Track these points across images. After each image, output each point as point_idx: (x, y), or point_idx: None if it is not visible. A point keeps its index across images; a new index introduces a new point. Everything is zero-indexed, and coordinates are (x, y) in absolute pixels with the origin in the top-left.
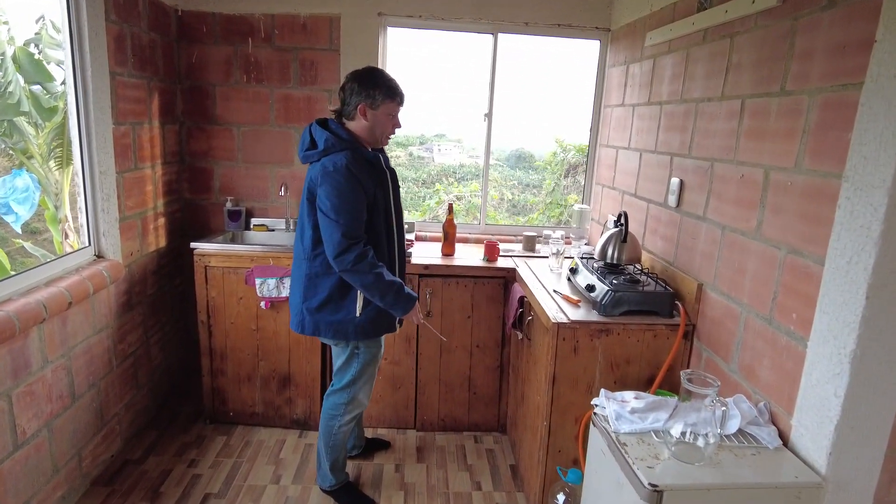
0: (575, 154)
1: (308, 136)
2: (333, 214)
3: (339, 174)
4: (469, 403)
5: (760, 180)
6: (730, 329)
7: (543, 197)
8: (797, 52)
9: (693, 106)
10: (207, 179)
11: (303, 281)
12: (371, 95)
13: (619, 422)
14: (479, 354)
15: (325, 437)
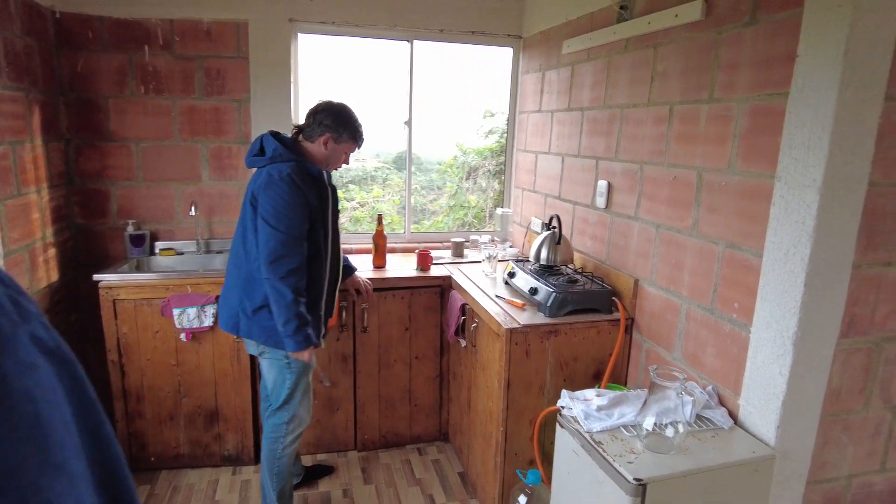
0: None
1: (258, 144)
2: (273, 221)
3: (284, 182)
4: (411, 416)
5: (694, 181)
6: (670, 321)
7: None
8: (723, 63)
9: (618, 112)
10: (103, 202)
11: (241, 283)
12: (339, 132)
13: (590, 421)
14: (419, 366)
15: (268, 463)
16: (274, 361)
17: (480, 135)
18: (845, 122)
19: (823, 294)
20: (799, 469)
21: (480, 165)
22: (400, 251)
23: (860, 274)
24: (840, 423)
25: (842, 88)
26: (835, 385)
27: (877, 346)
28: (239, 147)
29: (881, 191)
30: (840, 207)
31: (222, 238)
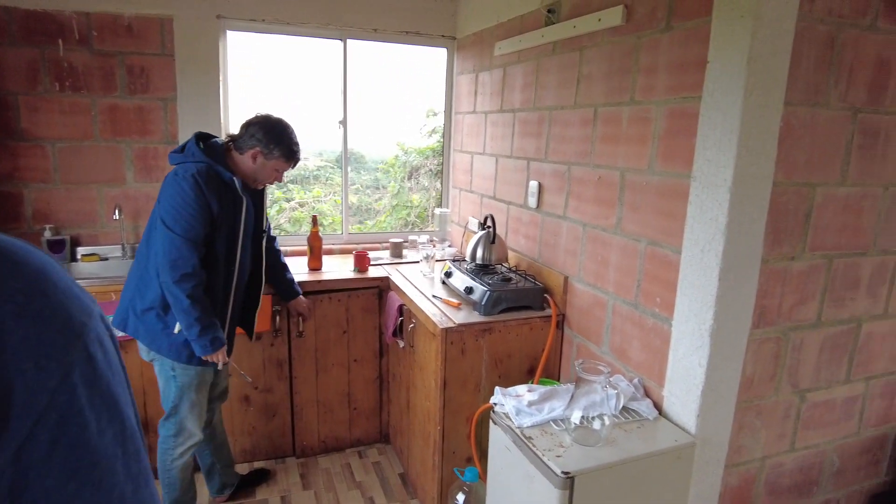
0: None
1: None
2: (170, 222)
3: (185, 182)
4: (350, 420)
5: (617, 181)
6: (598, 316)
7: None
8: (643, 67)
9: (547, 113)
10: (16, 205)
11: (136, 280)
12: (269, 147)
13: (520, 416)
14: (358, 368)
15: (160, 473)
16: (162, 370)
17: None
18: (750, 125)
19: (736, 287)
20: (717, 454)
21: (422, 165)
22: (338, 252)
23: (768, 268)
24: (754, 409)
25: (746, 94)
26: (748, 373)
27: (784, 335)
28: (165, 147)
29: (784, 190)
30: (749, 205)
31: None
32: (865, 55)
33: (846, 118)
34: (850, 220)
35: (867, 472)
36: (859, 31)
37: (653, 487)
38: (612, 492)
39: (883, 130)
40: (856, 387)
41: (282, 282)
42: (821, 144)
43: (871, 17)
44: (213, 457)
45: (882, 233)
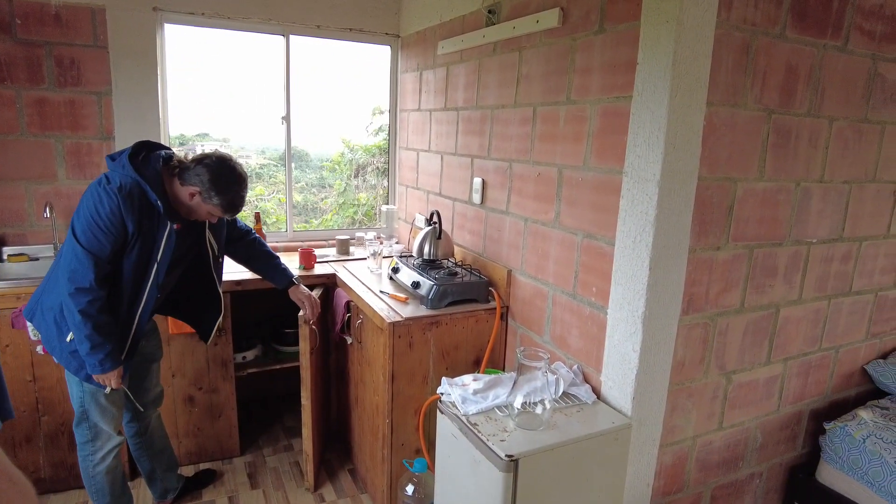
0: (362, 154)
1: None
2: (78, 231)
3: (106, 195)
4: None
5: (555, 177)
6: (539, 307)
7: (336, 198)
8: (578, 68)
9: (489, 112)
10: None
11: (49, 276)
12: (210, 194)
13: (466, 404)
14: None
15: (85, 482)
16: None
17: (370, 132)
18: (676, 123)
19: (666, 277)
20: (653, 434)
21: (369, 163)
22: (283, 251)
23: (695, 258)
24: (685, 391)
25: (672, 94)
26: (679, 357)
27: (712, 320)
28: (101, 143)
29: (708, 184)
30: (676, 199)
31: None
32: (776, 61)
33: (762, 118)
34: (768, 213)
35: (786, 446)
36: (770, 38)
37: (593, 468)
38: (554, 473)
39: (794, 130)
40: (775, 367)
41: (266, 272)
42: (740, 142)
43: (780, 27)
44: (151, 463)
45: (795, 224)
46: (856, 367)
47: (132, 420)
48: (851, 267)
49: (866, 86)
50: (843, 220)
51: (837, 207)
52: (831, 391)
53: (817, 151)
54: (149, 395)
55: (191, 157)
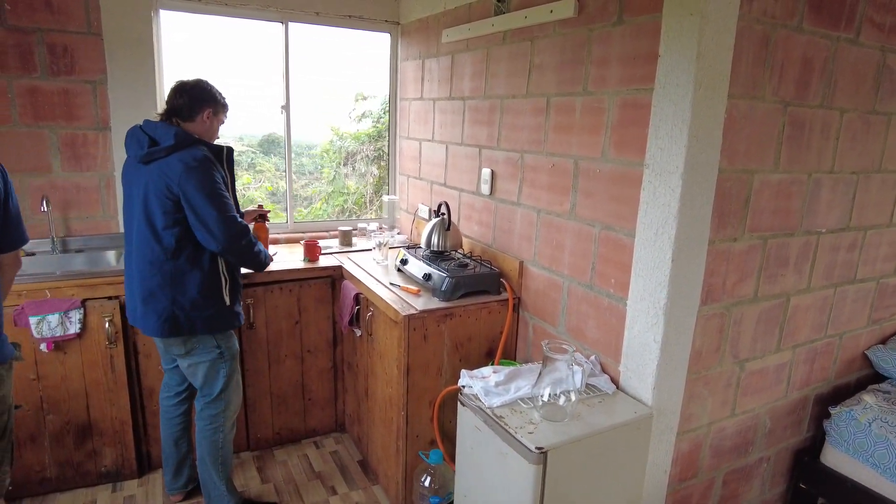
0: (351, 142)
1: (144, 135)
2: (214, 202)
3: (205, 165)
4: (305, 410)
5: (571, 169)
6: (554, 298)
7: (325, 186)
8: (595, 59)
9: (498, 102)
10: None
11: (168, 282)
12: (215, 104)
13: (489, 397)
14: (311, 359)
15: (212, 456)
16: (204, 355)
17: (353, 119)
18: (699, 116)
19: (687, 268)
20: (671, 422)
21: (358, 150)
22: (283, 242)
23: (714, 249)
24: (701, 380)
25: (696, 86)
26: (697, 347)
27: (727, 310)
28: (96, 134)
29: (728, 176)
30: (698, 191)
31: (81, 235)
32: (793, 53)
33: (778, 110)
34: (782, 204)
35: (792, 431)
36: (788, 31)
37: (615, 457)
38: (580, 463)
39: (807, 122)
40: (785, 355)
41: None
42: (758, 134)
43: (797, 19)
44: (190, 445)
45: (807, 215)
46: (857, 352)
47: (185, 398)
48: (856, 255)
49: (875, 77)
50: (851, 209)
51: (845, 198)
52: (834, 376)
53: (828, 143)
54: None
55: (171, 99)
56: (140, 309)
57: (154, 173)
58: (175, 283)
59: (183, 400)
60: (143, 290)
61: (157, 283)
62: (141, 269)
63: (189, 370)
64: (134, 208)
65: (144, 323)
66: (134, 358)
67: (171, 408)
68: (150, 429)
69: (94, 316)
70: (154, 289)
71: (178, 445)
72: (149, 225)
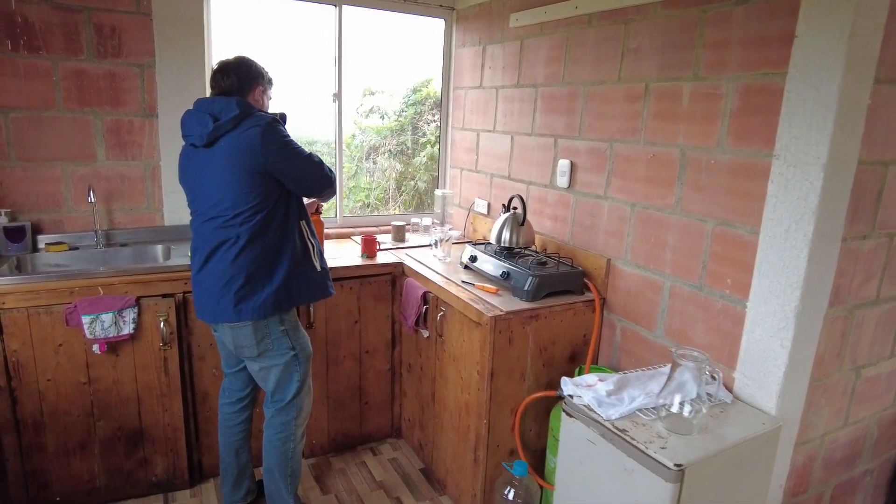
0: (373, 136)
1: (203, 114)
2: (300, 150)
3: (277, 124)
4: (361, 415)
5: (677, 160)
6: (651, 299)
7: (346, 181)
8: (708, 42)
9: (581, 88)
10: None
11: (260, 263)
12: (264, 81)
13: (604, 408)
14: (369, 360)
15: (281, 467)
16: (277, 357)
17: (360, 113)
18: (846, 102)
19: (820, 267)
20: (791, 434)
21: (380, 144)
22: (334, 237)
23: (845, 247)
24: (821, 388)
25: (846, 69)
26: (821, 352)
27: (851, 313)
28: (143, 121)
29: (866, 168)
30: (837, 184)
31: (125, 228)
32: None
33: None
34: None
35: (894, 442)
36: None
37: (743, 473)
38: (712, 480)
39: None
40: None
41: None
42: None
43: None
44: (250, 455)
45: None
46: None
47: (247, 404)
48: None
49: None
50: None
51: None
52: None
53: None
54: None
55: (218, 81)
56: (225, 301)
57: (224, 153)
58: (268, 262)
59: (245, 406)
60: (230, 280)
61: (249, 268)
62: (223, 258)
63: (260, 374)
64: (205, 197)
65: (232, 313)
66: (188, 360)
67: (232, 415)
68: (202, 436)
69: (148, 315)
70: (247, 275)
71: (238, 455)
72: (230, 208)
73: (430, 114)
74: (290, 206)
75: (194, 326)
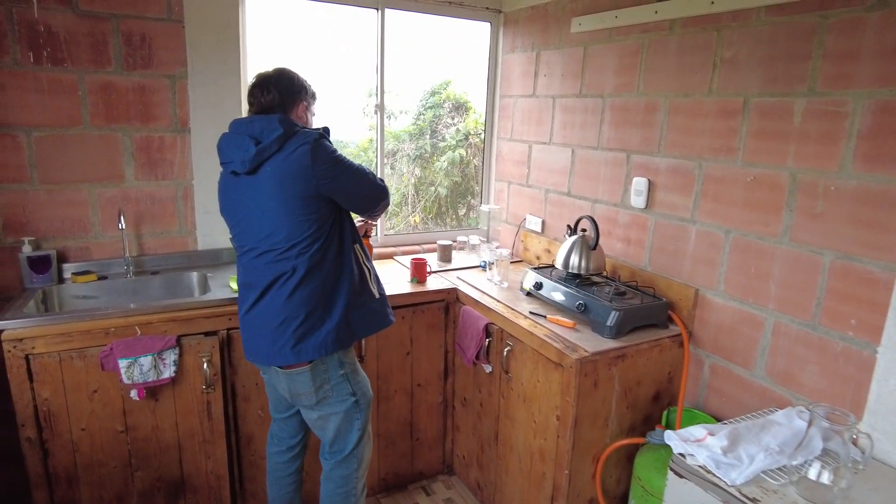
0: (391, 140)
1: (244, 137)
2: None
3: (321, 144)
4: (412, 451)
5: (785, 183)
6: (748, 335)
7: None
8: (830, 52)
9: (661, 100)
10: None
11: (323, 302)
12: (307, 96)
13: (724, 470)
14: (421, 394)
15: None
16: (337, 404)
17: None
18: None
19: None
20: None
21: (398, 149)
22: (375, 258)
23: None
24: None
25: None
26: None
27: None
28: (174, 136)
29: None
30: None
31: (155, 254)
32: None
33: None
34: None
35: None
36: None
37: None
38: None
39: None
40: None
41: None
42: None
43: None
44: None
45: None
46: None
47: (299, 452)
48: None
49: None
50: None
51: None
52: None
53: None
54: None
55: (257, 97)
56: (281, 341)
57: (271, 179)
58: (327, 295)
59: (297, 455)
60: (287, 318)
61: (308, 304)
62: (278, 294)
63: (318, 423)
64: (254, 229)
65: (290, 355)
66: (232, 402)
67: (284, 465)
68: (246, 481)
69: (190, 356)
70: (306, 311)
71: (292, 499)
72: (285, 239)
73: (448, 117)
74: (344, 228)
75: (238, 365)
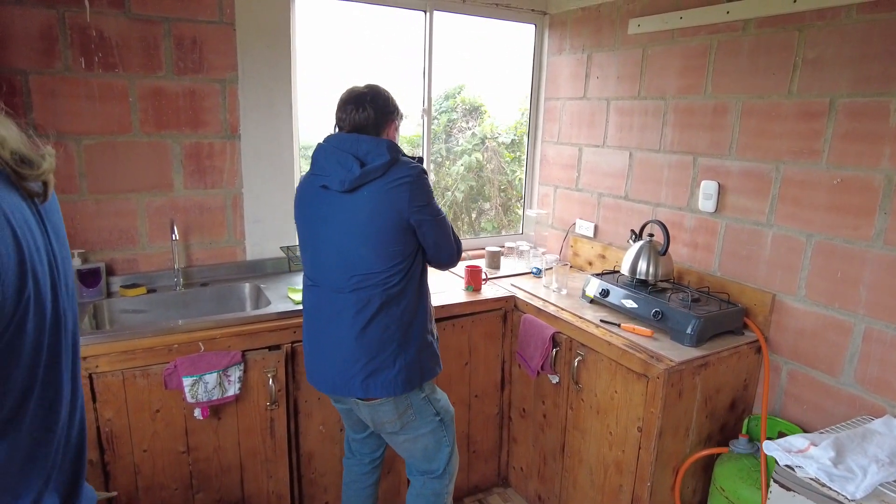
0: (407, 147)
1: (348, 155)
2: (440, 217)
3: (423, 180)
4: (468, 464)
5: (878, 186)
6: (834, 341)
7: None
8: None
9: (732, 102)
10: None
11: (399, 336)
12: (397, 115)
13: (839, 482)
14: (478, 405)
15: None
16: (422, 426)
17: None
18: None
19: None
20: None
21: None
22: None
23: None
24: None
25: None
26: None
27: None
28: (223, 143)
29: None
30: None
31: (204, 265)
32: None
33: None
34: None
35: None
36: None
37: None
38: None
39: None
40: None
41: None
42: None
43: None
44: None
45: None
46: None
47: (379, 464)
48: None
49: None
50: None
51: None
52: None
53: None
54: None
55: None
56: (352, 371)
57: (368, 203)
58: (402, 330)
59: (377, 466)
60: (357, 352)
61: (382, 339)
62: (353, 325)
63: (404, 446)
64: (336, 250)
65: (359, 388)
66: (294, 419)
67: (364, 476)
68: (306, 501)
69: (255, 371)
70: (378, 346)
71: None
72: (369, 266)
73: (463, 121)
74: (421, 260)
75: (301, 380)
